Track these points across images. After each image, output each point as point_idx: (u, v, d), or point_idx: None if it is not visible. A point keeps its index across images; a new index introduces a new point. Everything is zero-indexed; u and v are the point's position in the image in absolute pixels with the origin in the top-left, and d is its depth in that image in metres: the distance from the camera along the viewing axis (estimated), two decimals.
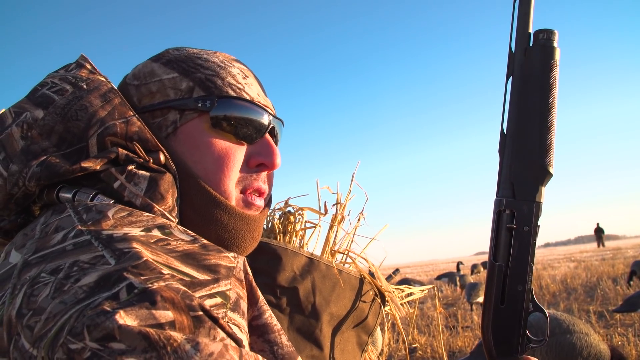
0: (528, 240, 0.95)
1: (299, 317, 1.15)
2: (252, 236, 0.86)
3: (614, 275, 12.19)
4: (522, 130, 0.94)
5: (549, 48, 0.95)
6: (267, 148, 0.87)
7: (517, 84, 0.96)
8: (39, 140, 0.74)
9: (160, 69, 0.84)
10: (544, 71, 0.94)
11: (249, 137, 0.84)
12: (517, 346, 0.96)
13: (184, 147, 0.81)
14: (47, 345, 0.48)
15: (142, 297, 0.50)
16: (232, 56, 0.90)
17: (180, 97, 0.82)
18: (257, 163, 0.86)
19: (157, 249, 0.59)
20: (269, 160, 0.86)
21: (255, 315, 0.65)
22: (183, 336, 0.49)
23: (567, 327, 3.80)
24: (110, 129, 0.74)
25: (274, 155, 0.86)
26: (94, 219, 0.64)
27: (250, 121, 0.84)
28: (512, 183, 0.95)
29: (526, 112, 0.94)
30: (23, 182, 0.72)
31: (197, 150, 0.81)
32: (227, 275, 0.60)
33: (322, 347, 1.16)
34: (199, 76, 0.83)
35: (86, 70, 0.82)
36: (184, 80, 0.83)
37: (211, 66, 0.85)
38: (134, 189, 0.73)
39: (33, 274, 0.57)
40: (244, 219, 0.84)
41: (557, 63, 0.94)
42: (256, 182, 0.86)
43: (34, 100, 0.78)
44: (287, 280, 1.15)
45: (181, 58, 0.85)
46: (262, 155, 0.86)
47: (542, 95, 0.93)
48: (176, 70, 0.84)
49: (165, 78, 0.83)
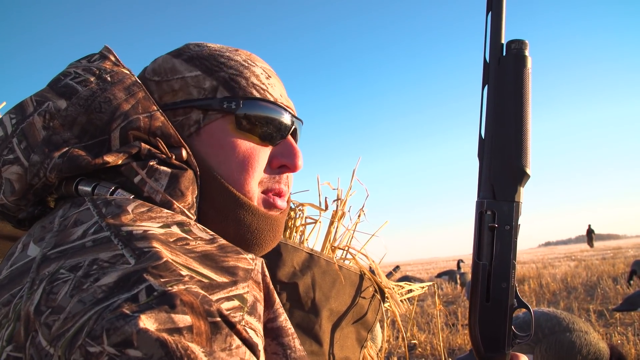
0: (510, 239, 0.99)
1: (298, 313, 1.15)
2: (274, 236, 0.86)
3: (614, 275, 12.18)
4: (499, 135, 0.99)
5: (521, 57, 1.00)
6: (289, 149, 0.86)
7: (493, 92, 1.01)
8: (61, 131, 0.73)
9: (182, 65, 0.83)
10: (517, 79, 0.99)
11: (272, 138, 0.84)
12: (504, 342, 1.00)
13: (207, 147, 0.80)
14: (64, 345, 0.48)
15: (162, 300, 0.49)
16: (253, 54, 0.90)
17: (204, 96, 0.81)
18: (279, 164, 0.86)
19: (177, 249, 0.58)
20: (291, 162, 0.86)
21: (270, 317, 0.64)
22: (201, 349, 0.48)
23: (567, 325, 3.80)
24: (133, 122, 0.73)
25: (297, 157, 0.86)
26: (114, 214, 0.63)
27: (274, 122, 0.83)
28: (492, 185, 0.99)
29: (502, 118, 0.99)
30: (44, 173, 0.71)
31: (221, 151, 0.80)
32: (245, 277, 0.59)
33: (322, 343, 1.16)
34: (223, 75, 0.82)
35: (110, 62, 0.81)
36: (208, 79, 0.82)
37: (235, 65, 0.84)
38: (154, 184, 0.72)
39: (52, 269, 0.56)
40: (267, 219, 0.83)
41: (529, 71, 1.00)
42: (278, 184, 0.85)
43: (57, 90, 0.77)
44: (287, 276, 1.15)
45: (203, 55, 0.84)
46: (284, 157, 0.86)
47: (516, 101, 0.99)
48: (199, 68, 0.83)
49: (188, 76, 0.82)
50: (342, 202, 1.44)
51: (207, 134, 0.81)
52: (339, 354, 1.19)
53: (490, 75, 1.01)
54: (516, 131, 0.98)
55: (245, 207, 0.80)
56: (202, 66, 0.83)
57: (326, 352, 1.17)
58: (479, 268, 1.00)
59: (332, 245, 1.40)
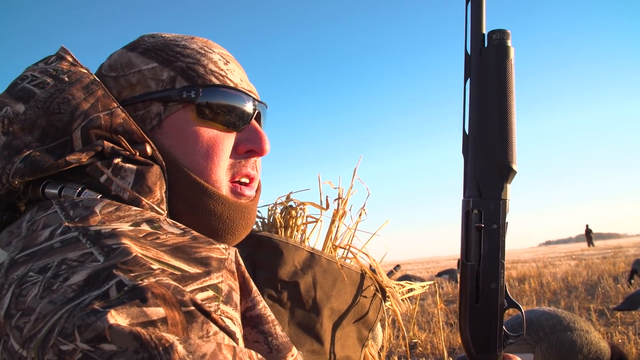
0: (497, 238, 0.97)
1: (299, 312, 1.15)
2: (247, 224, 0.86)
3: (615, 274, 12.18)
4: (483, 130, 0.96)
5: (503, 48, 0.96)
6: (255, 134, 0.85)
7: (475, 85, 0.98)
8: (21, 135, 0.72)
9: (138, 58, 0.82)
10: (499, 70, 0.96)
11: (236, 124, 0.83)
12: (495, 343, 0.98)
13: (171, 139, 0.79)
14: (37, 346, 0.47)
15: (133, 294, 0.49)
16: (209, 40, 0.88)
17: (163, 88, 0.80)
18: (246, 150, 0.85)
19: (147, 244, 0.58)
20: (257, 146, 0.85)
21: (248, 306, 0.64)
22: (175, 337, 0.48)
23: (568, 324, 3.80)
24: (94, 121, 0.73)
25: (263, 141, 0.85)
26: (81, 215, 0.63)
27: (236, 108, 0.82)
28: (478, 183, 0.97)
29: (485, 112, 0.96)
30: (7, 179, 0.70)
31: (185, 142, 0.79)
32: (218, 267, 0.59)
33: (323, 342, 1.16)
34: (180, 65, 0.81)
35: (67, 62, 0.80)
36: (165, 70, 0.81)
37: (191, 53, 0.83)
38: (120, 182, 0.71)
39: (20, 272, 0.56)
40: (237, 207, 0.83)
41: (512, 62, 0.96)
42: (245, 168, 0.85)
43: (14, 95, 0.76)
44: (288, 275, 1.15)
45: (158, 46, 0.83)
46: (250, 142, 0.85)
47: (499, 95, 0.95)
48: (155, 60, 0.81)
49: (145, 69, 0.81)
50: (343, 201, 1.44)
51: (169, 126, 0.80)
52: (340, 353, 1.19)
53: (472, 68, 0.98)
54: (500, 126, 0.95)
55: (214, 197, 0.80)
56: (158, 57, 0.82)
57: (327, 351, 1.17)
58: (467, 269, 0.98)
59: (333, 244, 1.40)
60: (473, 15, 0.99)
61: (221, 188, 0.81)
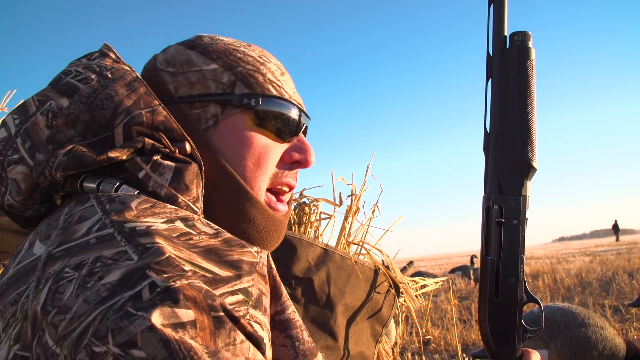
0: (517, 233, 0.99)
1: (313, 308, 1.16)
2: (279, 237, 0.87)
3: (629, 270, 12.03)
4: (505, 129, 0.99)
5: (524, 49, 1.00)
6: (303, 146, 0.88)
7: (497, 85, 1.01)
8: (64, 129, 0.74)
9: (199, 58, 0.84)
10: (520, 71, 0.99)
11: (287, 135, 0.85)
12: (514, 337, 1.00)
13: (225, 141, 0.81)
14: (70, 345, 0.48)
15: (165, 295, 0.50)
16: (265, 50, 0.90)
17: (222, 91, 0.82)
18: (292, 160, 0.87)
19: (180, 244, 0.59)
20: (304, 158, 0.87)
21: (278, 310, 0.64)
22: (204, 349, 0.49)
23: (582, 320, 3.77)
24: (136, 118, 0.74)
25: (309, 153, 0.88)
26: (117, 210, 0.63)
27: (290, 119, 0.85)
28: (499, 179, 0.99)
29: (507, 111, 0.99)
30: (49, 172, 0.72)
31: (239, 146, 0.81)
32: (249, 271, 0.59)
33: (337, 338, 1.16)
34: (241, 70, 0.83)
35: (110, 59, 0.81)
36: (226, 73, 0.82)
37: (251, 61, 0.85)
38: (158, 179, 0.72)
39: (57, 268, 0.57)
40: (274, 220, 0.84)
41: (533, 62, 1.00)
42: (287, 177, 0.87)
43: (58, 89, 0.77)
44: (302, 271, 1.16)
45: (219, 49, 0.85)
46: (297, 153, 0.87)
47: (520, 94, 0.98)
48: (216, 62, 0.83)
49: (206, 69, 0.83)
50: (356, 197, 1.44)
51: (225, 128, 0.82)
52: (353, 349, 1.20)
53: (493, 69, 1.02)
54: (521, 124, 0.98)
55: (257, 205, 0.81)
56: (219, 60, 0.83)
57: (341, 346, 1.17)
58: (487, 263, 1.00)
59: (347, 241, 1.41)
60: (495, 17, 1.02)
61: (260, 196, 0.83)
